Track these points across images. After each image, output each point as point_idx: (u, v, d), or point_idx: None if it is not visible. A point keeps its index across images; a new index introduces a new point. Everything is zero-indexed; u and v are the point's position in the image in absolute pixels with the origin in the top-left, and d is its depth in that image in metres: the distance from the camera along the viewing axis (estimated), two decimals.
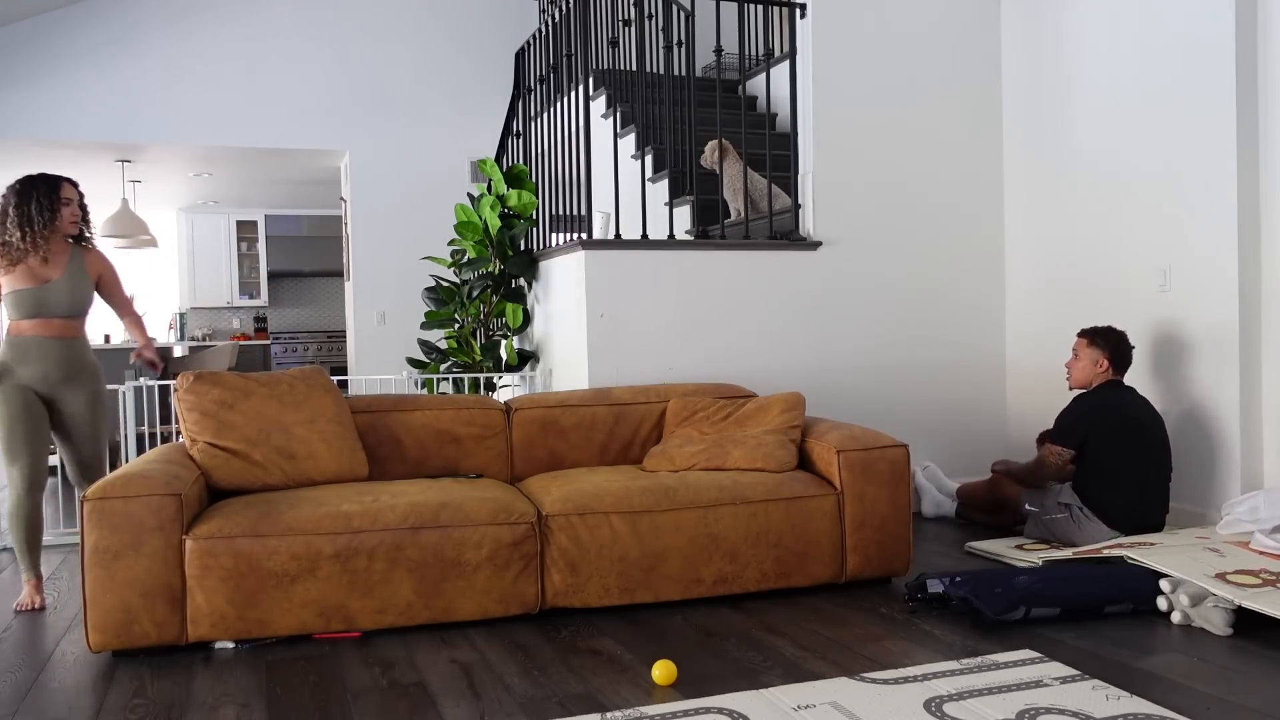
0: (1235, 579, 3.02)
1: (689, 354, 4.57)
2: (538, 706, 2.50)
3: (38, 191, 3.60)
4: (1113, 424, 3.90)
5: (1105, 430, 3.90)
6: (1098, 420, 3.92)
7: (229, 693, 2.64)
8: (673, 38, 5.08)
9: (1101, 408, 3.95)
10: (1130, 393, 4.03)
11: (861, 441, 3.58)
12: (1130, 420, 3.90)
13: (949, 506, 4.68)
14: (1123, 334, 4.07)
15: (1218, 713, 2.38)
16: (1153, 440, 3.90)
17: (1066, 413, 4.03)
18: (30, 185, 3.61)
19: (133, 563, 2.86)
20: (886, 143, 4.93)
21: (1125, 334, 4.08)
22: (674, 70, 5.22)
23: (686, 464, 3.64)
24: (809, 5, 4.79)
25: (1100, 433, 3.90)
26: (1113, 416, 3.91)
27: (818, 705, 2.44)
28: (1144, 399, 4.01)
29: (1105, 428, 3.90)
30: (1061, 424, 4.02)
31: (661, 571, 3.31)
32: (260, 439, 3.38)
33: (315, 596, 2.99)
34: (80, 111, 6.90)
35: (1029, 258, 5.05)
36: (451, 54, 7.67)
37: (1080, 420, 3.96)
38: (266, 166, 8.35)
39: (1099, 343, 4.07)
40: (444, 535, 3.10)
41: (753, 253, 4.68)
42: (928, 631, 3.03)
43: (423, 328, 5.49)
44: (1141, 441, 3.88)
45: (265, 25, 7.27)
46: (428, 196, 7.58)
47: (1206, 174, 4.11)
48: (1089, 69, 4.66)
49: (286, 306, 11.47)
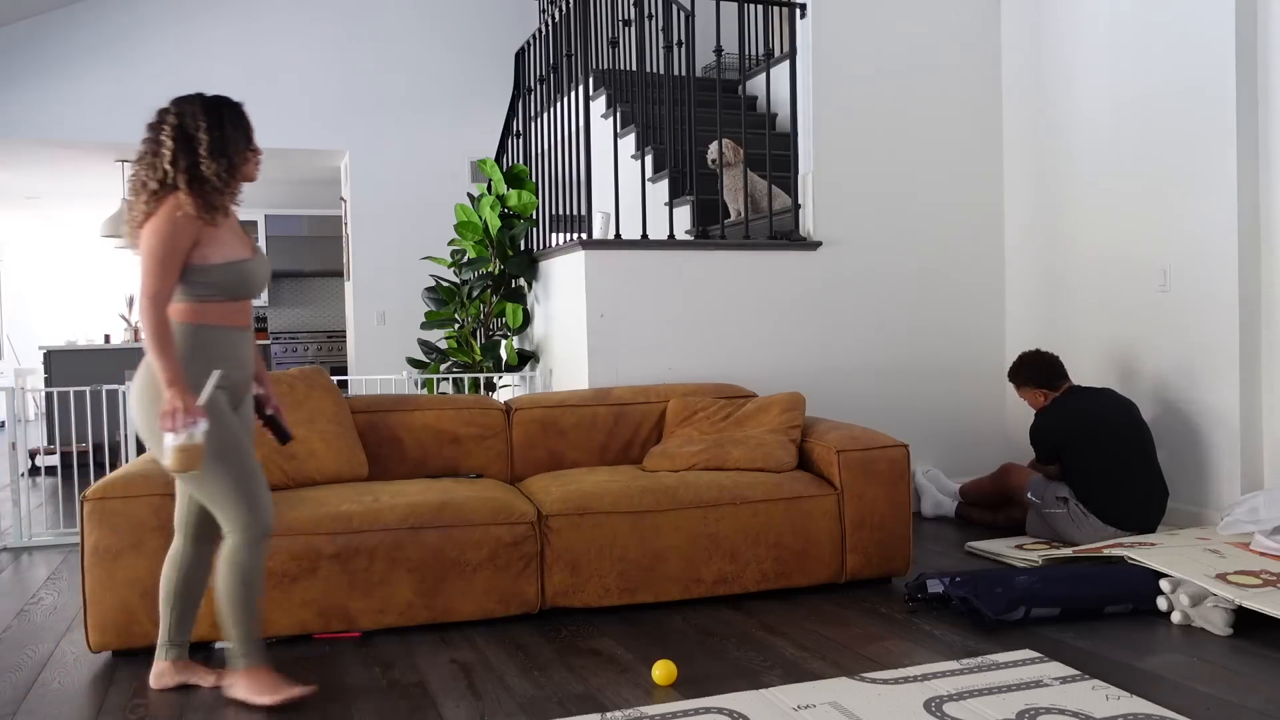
0: (1235, 579, 3.02)
1: (689, 354, 4.57)
2: (538, 706, 2.50)
3: (227, 118, 2.54)
4: (1080, 430, 3.98)
5: (1072, 436, 3.98)
6: (1062, 433, 4.03)
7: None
8: (673, 38, 5.08)
9: (1060, 419, 4.06)
10: (1091, 394, 4.10)
11: (861, 441, 3.58)
12: (1096, 421, 3.97)
13: (949, 506, 4.68)
14: (1033, 355, 4.22)
15: (1218, 713, 2.38)
16: (1126, 434, 3.94)
17: (1033, 431, 4.15)
18: (218, 106, 2.55)
19: (133, 563, 2.86)
20: (886, 143, 4.93)
21: (1035, 352, 4.23)
22: (674, 70, 5.21)
23: (686, 464, 3.64)
24: (809, 5, 4.79)
25: (1069, 440, 3.99)
26: (1074, 424, 4.00)
27: (818, 705, 2.44)
28: (1112, 394, 4.09)
29: (1074, 434, 3.98)
30: (1033, 443, 4.15)
31: (661, 571, 3.31)
32: (260, 439, 3.37)
33: (315, 596, 2.99)
34: (80, 111, 6.90)
35: (1029, 257, 5.05)
36: (452, 54, 7.67)
37: (1043, 436, 4.09)
38: (266, 166, 8.32)
39: (1024, 381, 4.23)
40: (444, 535, 3.10)
41: (753, 253, 4.68)
42: (928, 631, 3.03)
43: (423, 328, 5.49)
44: (1116, 439, 3.93)
45: (265, 25, 7.27)
46: (428, 196, 7.58)
47: (1207, 173, 4.11)
48: (1089, 69, 4.65)
49: (286, 306, 11.47)
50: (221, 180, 2.46)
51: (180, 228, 2.40)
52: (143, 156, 2.46)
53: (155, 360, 2.34)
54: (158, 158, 2.43)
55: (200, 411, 2.33)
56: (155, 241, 2.38)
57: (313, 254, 11.06)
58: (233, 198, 2.51)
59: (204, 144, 2.44)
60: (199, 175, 2.43)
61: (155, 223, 2.39)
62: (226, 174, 2.47)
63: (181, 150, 2.42)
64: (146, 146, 2.47)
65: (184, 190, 2.41)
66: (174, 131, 2.44)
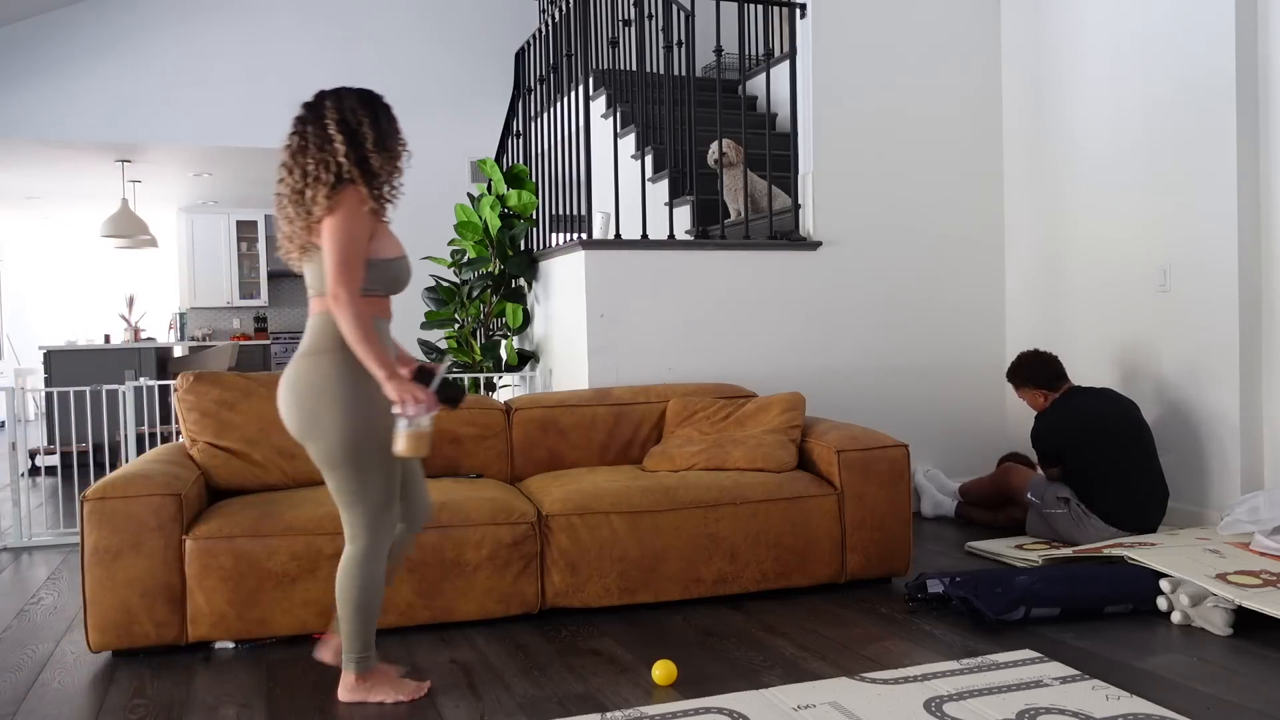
0: (1235, 579, 3.02)
1: (689, 354, 4.57)
2: (538, 706, 2.50)
3: (381, 111, 2.49)
4: (1080, 432, 3.96)
5: (1073, 439, 3.97)
6: (1059, 436, 4.01)
7: (229, 693, 2.64)
8: (673, 38, 5.08)
9: (1061, 422, 4.04)
10: (1091, 395, 4.09)
11: (861, 441, 3.58)
12: (1096, 422, 3.95)
13: (948, 506, 4.68)
14: (1032, 355, 4.21)
15: (1218, 713, 2.38)
16: (1126, 435, 3.93)
17: (1034, 435, 4.13)
18: (372, 99, 2.50)
19: (133, 563, 2.86)
20: (886, 143, 4.93)
21: (1034, 353, 4.22)
22: (674, 70, 5.21)
23: (686, 464, 3.64)
24: (809, 5, 4.79)
25: (1070, 443, 3.98)
26: (1074, 427, 3.98)
27: (818, 705, 2.44)
28: (1111, 394, 4.08)
29: (1075, 437, 3.96)
30: (1035, 446, 4.12)
31: (661, 571, 3.31)
32: (260, 439, 3.38)
33: (316, 596, 2.99)
34: (80, 111, 6.90)
35: (1029, 257, 5.05)
36: (451, 54, 7.67)
37: (1045, 440, 4.07)
38: (266, 166, 8.33)
39: (1023, 381, 4.21)
40: (444, 535, 3.10)
41: (753, 253, 4.68)
42: (928, 631, 3.03)
43: (423, 328, 5.49)
44: (1117, 440, 3.92)
45: (265, 25, 7.27)
46: (428, 196, 7.55)
47: (1207, 173, 4.11)
48: (1089, 69, 4.65)
49: (287, 306, 11.47)
50: (386, 174, 2.45)
51: (365, 222, 2.39)
52: (304, 149, 2.41)
53: (364, 354, 2.32)
54: (324, 151, 2.39)
55: (431, 400, 2.35)
56: (346, 236, 2.35)
57: None
58: (393, 192, 2.50)
59: (369, 138, 2.42)
60: (370, 169, 2.41)
61: (343, 216, 2.36)
62: (390, 167, 2.46)
63: (349, 143, 2.39)
64: (309, 139, 2.41)
65: (360, 183, 2.39)
66: (338, 125, 2.40)
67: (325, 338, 2.40)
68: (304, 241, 2.41)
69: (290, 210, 2.41)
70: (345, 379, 2.37)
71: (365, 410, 2.38)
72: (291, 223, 2.41)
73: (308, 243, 2.41)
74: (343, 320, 2.33)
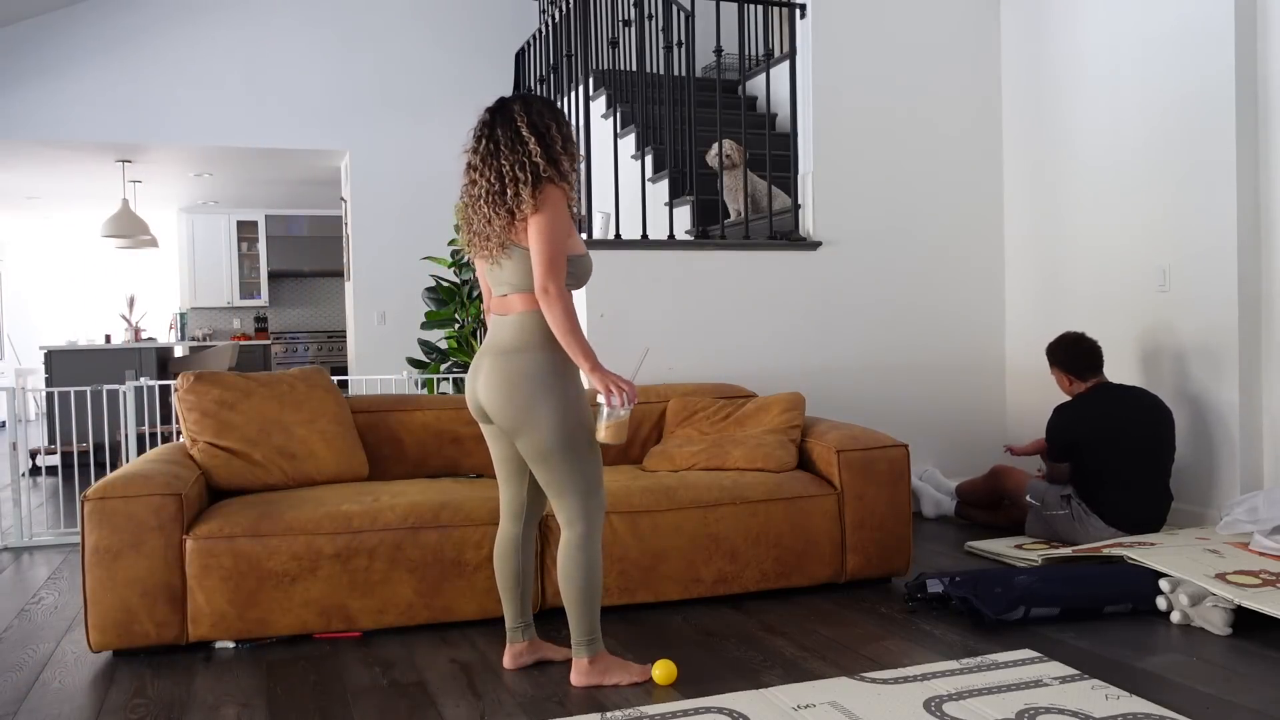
0: (1235, 579, 3.03)
1: (689, 354, 4.57)
2: (538, 706, 2.50)
3: (562, 116, 2.62)
4: (1095, 433, 3.90)
5: (1088, 439, 3.91)
6: (1074, 433, 3.96)
7: (229, 693, 2.64)
8: (673, 38, 5.08)
9: (1078, 419, 3.97)
10: (1118, 395, 4.00)
11: (861, 441, 3.58)
12: (1115, 426, 3.89)
13: (949, 505, 4.68)
14: (1073, 338, 4.09)
15: (1217, 713, 2.38)
16: (1144, 443, 3.88)
17: (1050, 426, 4.06)
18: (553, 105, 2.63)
19: (133, 563, 2.87)
20: (886, 143, 4.93)
21: (1076, 337, 4.09)
22: (674, 70, 5.21)
23: (686, 464, 3.64)
24: (809, 5, 4.79)
25: (1084, 441, 3.93)
26: (1085, 428, 3.93)
27: (818, 705, 2.44)
28: (1138, 395, 3.99)
29: (1089, 437, 3.91)
30: (1048, 438, 4.06)
31: (661, 571, 3.31)
32: (260, 439, 3.38)
33: (315, 596, 2.99)
34: (80, 111, 6.90)
35: (1029, 257, 5.05)
36: (451, 54, 7.67)
37: (1059, 433, 4.00)
38: (266, 166, 8.35)
39: (1055, 360, 4.14)
40: (444, 535, 3.10)
41: (753, 253, 4.68)
42: (928, 631, 3.03)
43: (423, 328, 5.50)
44: (1133, 447, 3.86)
45: (265, 26, 7.27)
46: (428, 196, 7.58)
47: (1206, 173, 4.11)
48: (1089, 69, 4.66)
49: (287, 306, 11.48)
50: (574, 174, 2.58)
51: (567, 219, 2.49)
52: (495, 150, 2.50)
53: (574, 346, 2.42)
54: (517, 153, 2.47)
55: (633, 389, 2.49)
56: (554, 232, 2.43)
57: (313, 254, 11.07)
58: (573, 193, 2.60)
59: (558, 140, 2.53)
60: (563, 170, 2.52)
61: (550, 213, 2.44)
62: (574, 168, 2.58)
63: (541, 144, 2.48)
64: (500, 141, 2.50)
65: (560, 181, 2.49)
66: (529, 127, 2.49)
67: (534, 334, 2.50)
68: (505, 239, 2.49)
69: (487, 210, 2.50)
70: (557, 374, 2.49)
71: (575, 403, 2.51)
72: (490, 222, 2.50)
73: (508, 240, 2.49)
74: (554, 313, 2.41)
